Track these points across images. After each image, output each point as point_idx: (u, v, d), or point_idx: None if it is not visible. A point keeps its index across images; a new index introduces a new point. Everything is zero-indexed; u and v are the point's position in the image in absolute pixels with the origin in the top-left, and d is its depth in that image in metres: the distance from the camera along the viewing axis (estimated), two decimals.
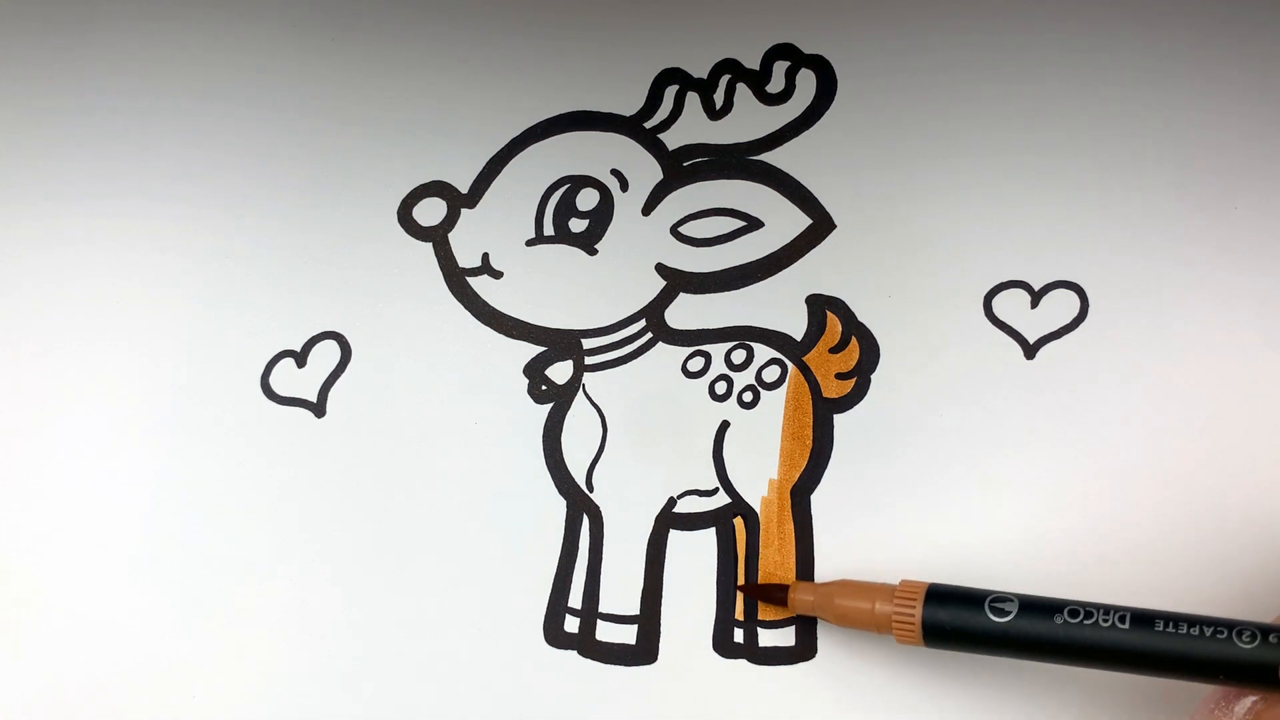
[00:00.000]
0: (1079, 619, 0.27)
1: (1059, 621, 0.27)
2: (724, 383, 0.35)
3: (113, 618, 0.36)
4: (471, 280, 0.37)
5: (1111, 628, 0.27)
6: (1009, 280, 0.34)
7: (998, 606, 0.28)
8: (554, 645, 0.33)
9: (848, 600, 0.31)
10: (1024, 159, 0.35)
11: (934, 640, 0.29)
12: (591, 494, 0.34)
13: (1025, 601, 0.28)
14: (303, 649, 0.34)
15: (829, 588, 0.31)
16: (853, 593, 0.31)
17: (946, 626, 0.29)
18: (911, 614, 0.29)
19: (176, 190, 0.40)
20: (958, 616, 0.29)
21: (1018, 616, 0.28)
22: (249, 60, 0.41)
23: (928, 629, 0.29)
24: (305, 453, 0.36)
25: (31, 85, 0.43)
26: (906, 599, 0.29)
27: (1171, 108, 0.34)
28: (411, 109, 0.40)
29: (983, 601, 0.28)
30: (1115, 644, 0.27)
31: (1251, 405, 0.31)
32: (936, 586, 0.29)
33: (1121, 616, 0.27)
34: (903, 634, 0.29)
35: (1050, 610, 0.28)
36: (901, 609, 0.29)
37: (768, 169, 0.36)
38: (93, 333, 0.39)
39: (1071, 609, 0.27)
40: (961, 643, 0.29)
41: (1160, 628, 0.26)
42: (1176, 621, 0.26)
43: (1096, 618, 0.27)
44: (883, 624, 0.30)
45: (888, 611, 0.30)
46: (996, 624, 0.28)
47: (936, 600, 0.29)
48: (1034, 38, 0.36)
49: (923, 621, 0.29)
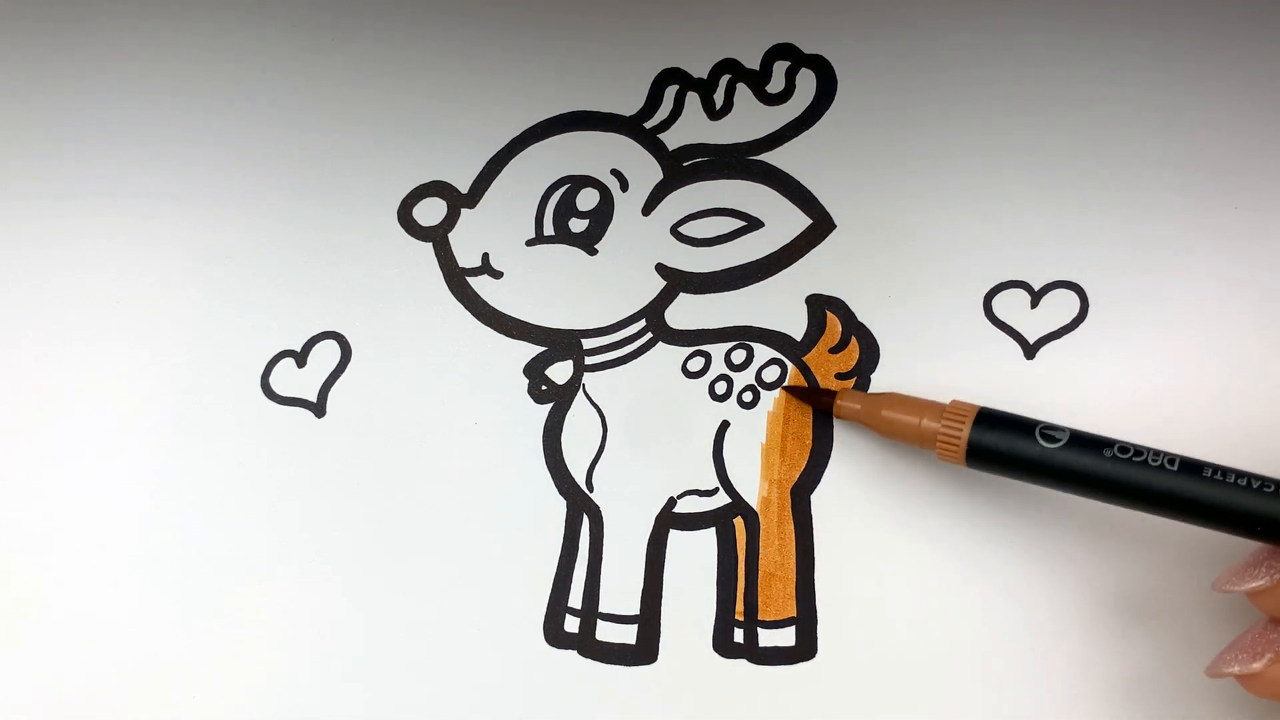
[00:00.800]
0: (1128, 455, 0.27)
1: (1107, 455, 0.27)
2: (724, 383, 0.35)
3: (113, 618, 0.36)
4: (471, 280, 0.37)
5: (1160, 468, 0.27)
6: (1009, 280, 0.34)
7: (1048, 434, 0.28)
8: (554, 645, 0.33)
9: (895, 412, 0.30)
10: (1024, 159, 0.35)
11: (977, 461, 0.29)
12: (591, 494, 0.34)
13: (1076, 434, 0.28)
14: (303, 649, 0.34)
15: (878, 398, 0.31)
16: (901, 406, 0.30)
17: (993, 448, 0.29)
18: (959, 432, 0.29)
19: (176, 190, 0.40)
20: (1006, 439, 0.28)
21: (1066, 446, 0.28)
22: (249, 60, 0.41)
23: (973, 448, 0.29)
24: (305, 453, 0.36)
25: (31, 85, 0.43)
26: (956, 417, 0.29)
27: (1171, 108, 0.34)
28: (411, 109, 0.40)
29: (1033, 429, 0.28)
30: (1161, 486, 0.27)
31: (1252, 405, 0.31)
32: (988, 410, 0.29)
33: (1171, 460, 0.27)
34: (946, 451, 0.29)
35: (1100, 445, 0.28)
36: (950, 426, 0.29)
37: (768, 169, 0.36)
38: (92, 333, 0.39)
39: (1121, 446, 0.27)
40: (1005, 466, 0.29)
41: (1208, 475, 0.26)
42: (1225, 472, 0.26)
43: (1146, 457, 0.27)
44: (928, 439, 0.30)
45: (934, 428, 0.29)
46: (1044, 449, 0.28)
47: (986, 423, 0.29)
48: (1034, 37, 0.36)
49: (969, 441, 0.29)
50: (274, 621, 0.35)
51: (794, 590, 0.33)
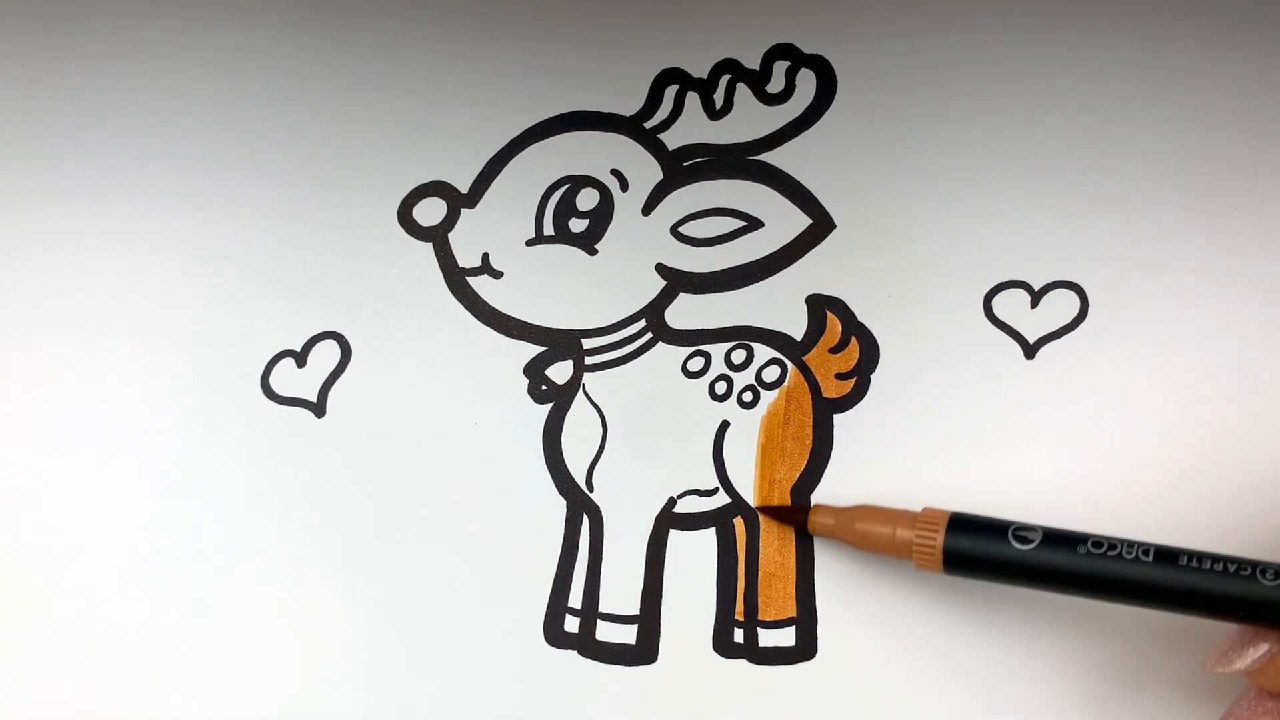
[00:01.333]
0: (1102, 550, 0.27)
1: (1082, 552, 0.27)
2: (724, 383, 0.35)
3: (113, 617, 0.36)
4: (471, 280, 0.37)
5: (1135, 560, 0.27)
6: (1009, 280, 0.34)
7: (1021, 535, 0.28)
8: (554, 645, 0.33)
9: (869, 525, 0.30)
10: (1024, 159, 0.35)
11: (954, 567, 0.29)
12: (591, 494, 0.34)
13: (1049, 533, 0.28)
14: (303, 649, 0.34)
15: (851, 512, 0.31)
16: (875, 517, 0.30)
17: (968, 554, 0.29)
18: (933, 540, 0.29)
19: (176, 190, 0.40)
20: (980, 544, 0.28)
21: (1040, 546, 0.28)
22: (249, 61, 0.41)
23: (949, 556, 0.29)
24: (305, 453, 0.36)
25: (31, 85, 0.43)
26: (929, 525, 0.29)
27: (1171, 108, 0.34)
28: (411, 109, 0.40)
29: (1006, 530, 0.28)
30: (1138, 578, 0.27)
31: (1252, 405, 0.31)
32: (959, 515, 0.29)
33: (1145, 550, 0.27)
34: (923, 560, 0.29)
35: (1074, 541, 0.27)
36: (924, 534, 0.29)
37: (768, 169, 0.36)
38: (92, 333, 0.39)
39: (1095, 541, 0.27)
40: (982, 571, 0.29)
41: (1184, 562, 0.26)
42: (1200, 558, 0.26)
43: (1120, 550, 0.27)
44: (903, 549, 0.30)
45: (909, 537, 0.29)
46: (1019, 551, 0.28)
47: (959, 528, 0.29)
48: (1034, 38, 0.36)
49: (944, 548, 0.29)
50: (274, 621, 0.35)
51: (794, 590, 0.33)
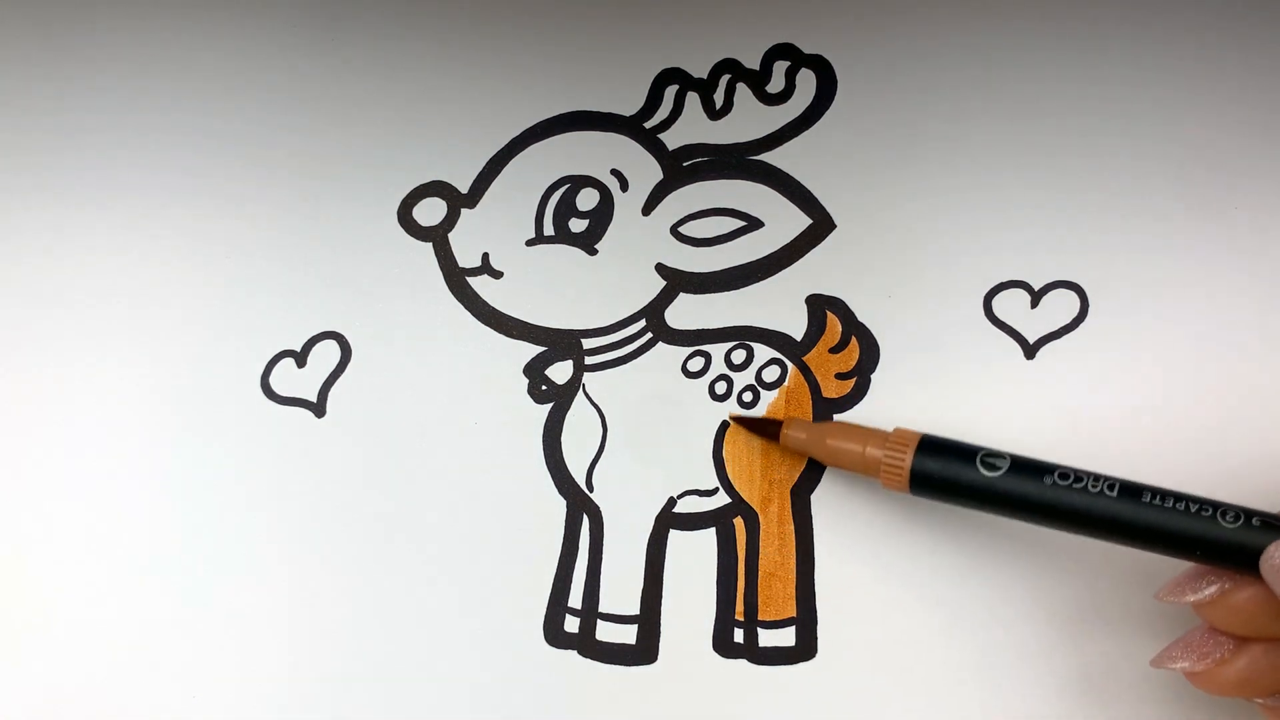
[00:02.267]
0: (1069, 481, 0.27)
1: (1048, 482, 0.27)
2: (724, 383, 0.35)
3: (113, 617, 0.36)
4: (471, 280, 0.37)
5: (1100, 494, 0.27)
6: (1009, 280, 0.34)
7: (989, 461, 0.28)
8: (554, 645, 0.33)
9: (839, 441, 0.31)
10: (1024, 159, 0.35)
11: (921, 489, 0.29)
12: (591, 494, 0.34)
13: (1017, 460, 0.28)
14: (303, 649, 0.34)
15: (823, 427, 0.31)
16: (846, 434, 0.31)
17: (935, 476, 0.29)
18: (901, 460, 0.29)
19: (176, 190, 0.40)
20: (948, 467, 0.29)
21: (1008, 473, 0.28)
22: (249, 60, 0.41)
23: (916, 477, 0.29)
24: (305, 453, 0.36)
25: (31, 85, 0.43)
26: (898, 445, 0.29)
27: (1171, 108, 0.34)
28: (411, 109, 0.40)
29: (975, 455, 0.28)
30: (1101, 511, 0.27)
31: (1252, 405, 0.31)
32: (930, 437, 0.29)
33: (1111, 485, 0.27)
34: (890, 479, 0.29)
35: (1041, 471, 0.28)
36: (892, 454, 0.29)
37: (768, 169, 0.36)
38: (92, 333, 0.39)
39: (1062, 472, 0.28)
40: (948, 494, 0.29)
41: (1147, 499, 0.27)
42: (1164, 495, 0.26)
43: (1086, 483, 0.27)
44: (871, 467, 0.30)
45: (878, 456, 0.30)
46: (986, 478, 0.28)
47: (929, 450, 0.29)
48: (1034, 38, 0.36)
49: (911, 469, 0.29)
50: (274, 621, 0.35)
51: (794, 590, 0.33)
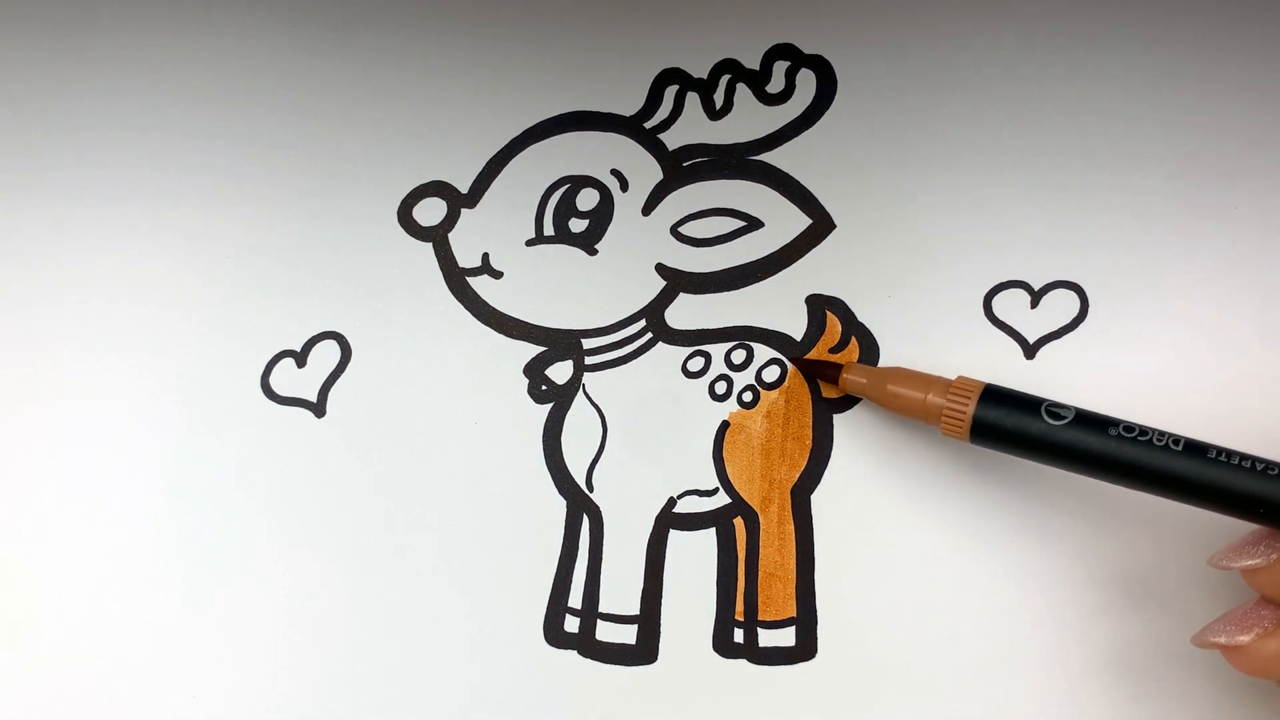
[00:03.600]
0: (1133, 435, 0.27)
1: (1112, 434, 0.27)
2: (724, 383, 0.35)
3: (113, 617, 0.36)
4: (471, 280, 0.37)
5: (1165, 448, 0.27)
6: (1009, 280, 0.34)
7: (1054, 411, 0.28)
8: (554, 645, 0.33)
9: (901, 387, 0.30)
10: (1024, 159, 0.35)
11: (981, 437, 0.29)
12: (591, 494, 0.34)
13: (1082, 414, 0.28)
14: (303, 649, 0.34)
15: (884, 372, 0.31)
16: (907, 380, 0.30)
17: (998, 425, 0.28)
18: (964, 408, 0.29)
19: (176, 190, 0.40)
20: (1010, 416, 0.28)
21: (1071, 424, 0.28)
22: (249, 60, 0.41)
23: (977, 425, 0.29)
24: (305, 453, 0.36)
25: (31, 85, 0.43)
26: (961, 393, 0.29)
27: (1171, 108, 0.34)
28: (411, 109, 0.40)
29: (1039, 406, 0.28)
30: (1165, 466, 0.27)
31: (1251, 405, 0.31)
32: (994, 386, 0.29)
33: (1175, 440, 0.27)
34: (951, 426, 0.29)
35: (1105, 424, 0.27)
36: (955, 401, 0.29)
37: (768, 169, 0.36)
38: (93, 333, 0.39)
39: (1127, 425, 0.27)
40: (1009, 444, 0.29)
41: (1213, 456, 0.26)
42: (1230, 454, 0.26)
43: (1151, 437, 0.27)
44: (933, 414, 0.30)
45: (939, 403, 0.29)
46: (1050, 426, 0.28)
47: (992, 399, 0.29)
48: (1034, 38, 0.36)
49: (974, 418, 0.29)
50: (274, 621, 0.35)
51: (794, 590, 0.33)
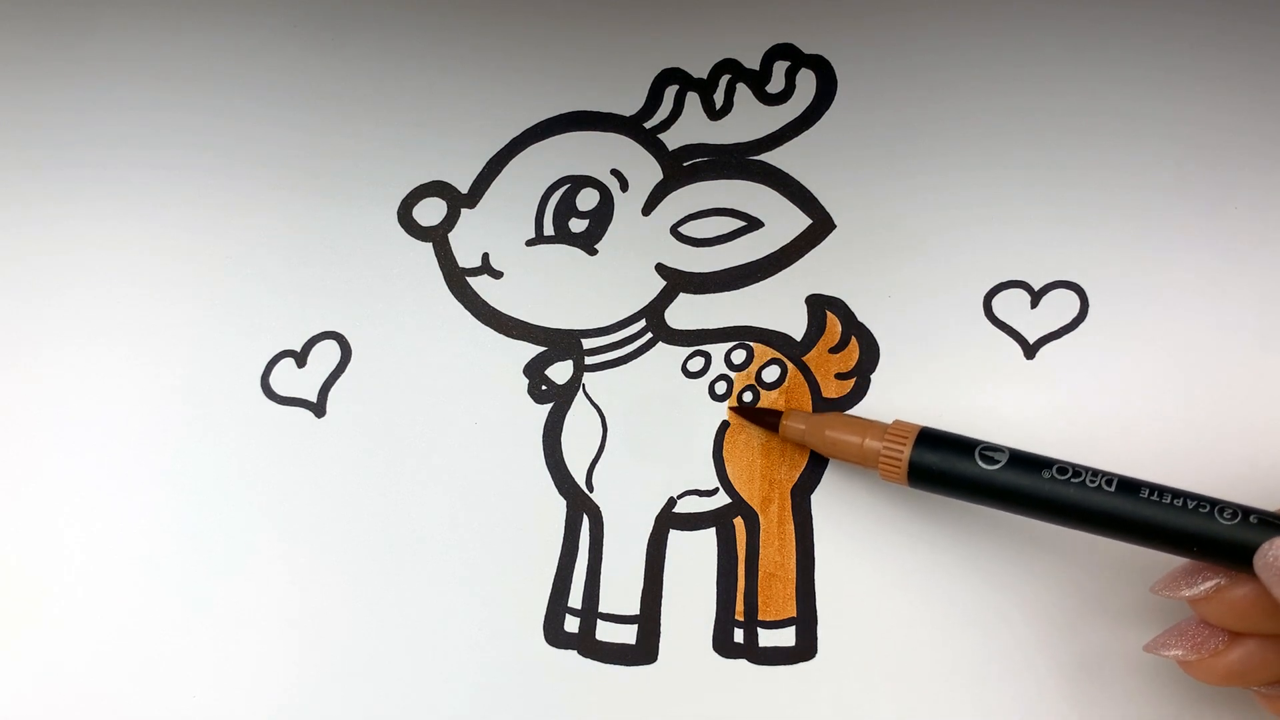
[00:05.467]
0: (1066, 476, 0.27)
1: (1045, 476, 0.27)
2: (724, 383, 0.35)
3: (113, 616, 0.36)
4: (471, 280, 0.37)
5: (1098, 489, 0.27)
6: (1009, 280, 0.34)
7: (988, 455, 0.28)
8: (554, 645, 0.33)
9: (838, 432, 0.31)
10: (1024, 159, 0.35)
11: (919, 481, 0.29)
12: (591, 494, 0.34)
13: (1015, 455, 0.28)
14: (303, 649, 0.34)
15: (821, 418, 0.31)
16: (845, 426, 0.31)
17: (934, 468, 0.29)
18: (900, 452, 0.29)
19: (176, 190, 0.40)
20: (946, 460, 0.29)
21: (1006, 467, 0.28)
22: (249, 60, 0.41)
23: (914, 469, 0.29)
24: (305, 453, 0.36)
25: (32, 85, 0.43)
26: (897, 438, 0.29)
27: (1171, 108, 0.34)
28: (411, 109, 0.40)
29: (973, 449, 0.28)
30: (1098, 506, 0.27)
31: (1251, 405, 0.31)
32: (929, 429, 0.29)
33: (1109, 480, 0.27)
34: (889, 471, 0.29)
35: (1039, 465, 0.28)
36: (891, 446, 0.29)
37: (768, 169, 0.36)
38: (93, 333, 0.39)
39: (1060, 467, 0.27)
40: (946, 486, 0.29)
41: (1145, 495, 0.26)
42: (1162, 492, 0.26)
43: (1084, 478, 0.27)
44: (870, 459, 0.30)
45: (876, 448, 0.30)
46: (984, 471, 0.28)
47: (927, 443, 0.29)
48: (1034, 38, 0.36)
49: (910, 461, 0.29)
50: (274, 621, 0.35)
51: (794, 590, 0.33)
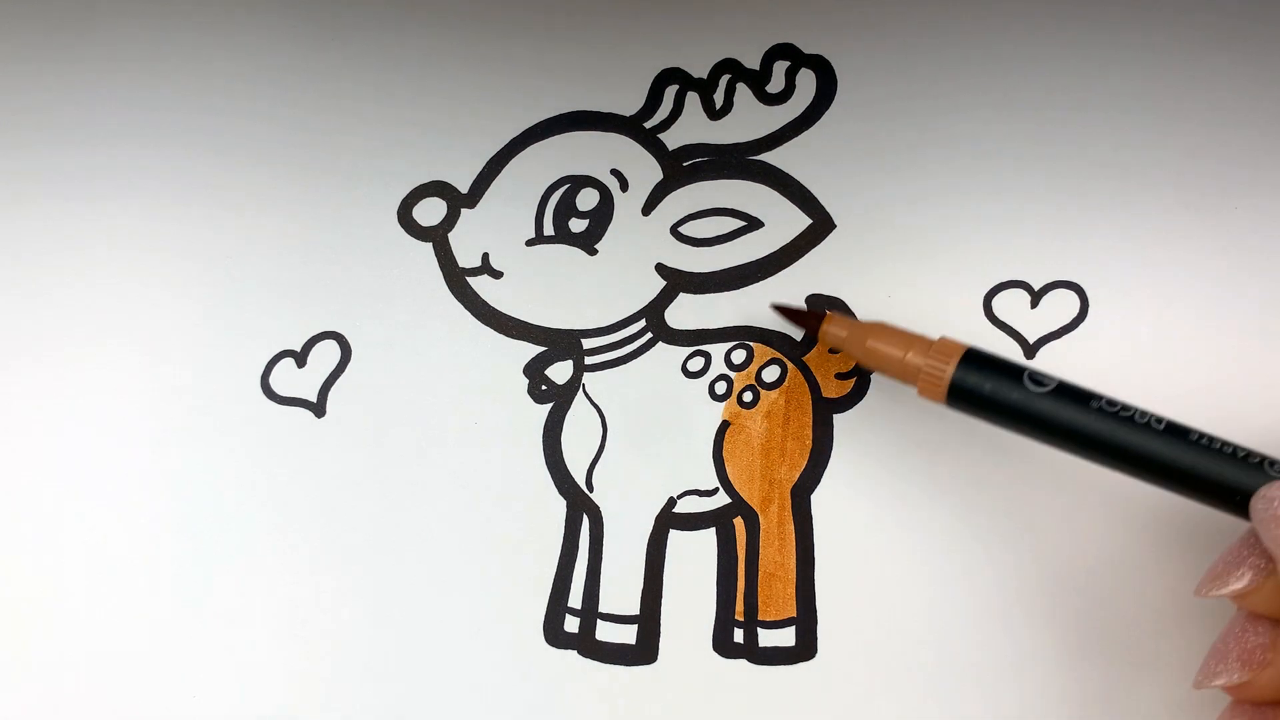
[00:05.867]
0: (1115, 410, 0.26)
1: (1094, 407, 0.26)
2: (724, 383, 0.35)
3: (113, 617, 0.36)
4: (471, 280, 0.37)
5: (1146, 427, 0.26)
6: (1009, 280, 0.34)
7: (1036, 378, 0.27)
8: (554, 645, 0.33)
9: (880, 343, 0.29)
10: (1024, 159, 0.35)
11: (958, 400, 0.28)
12: (591, 494, 0.34)
13: (1064, 384, 0.27)
14: (302, 649, 0.34)
15: (865, 327, 0.30)
16: (888, 337, 0.29)
17: (976, 388, 0.27)
18: (943, 370, 0.28)
19: (177, 190, 0.40)
20: (990, 380, 0.27)
21: (1051, 393, 0.27)
22: (249, 60, 0.41)
23: (955, 387, 0.28)
24: (305, 453, 0.36)
25: (32, 85, 0.43)
26: (942, 354, 0.28)
27: (1171, 107, 0.34)
28: (411, 109, 0.40)
29: (1021, 372, 0.27)
30: (1143, 446, 0.26)
31: (1251, 405, 0.31)
32: (976, 350, 0.28)
33: (1158, 420, 0.26)
34: (928, 387, 0.28)
35: (1087, 397, 0.26)
36: (934, 363, 0.28)
37: (768, 169, 0.36)
38: (93, 333, 0.39)
39: (1110, 400, 0.26)
40: (986, 409, 0.28)
41: (1194, 439, 0.25)
42: (1211, 440, 0.25)
43: (1133, 414, 0.26)
44: (910, 374, 0.29)
45: (918, 363, 0.28)
46: (1029, 393, 0.27)
47: (973, 362, 0.28)
48: (1034, 37, 0.36)
49: (953, 380, 0.28)
50: (274, 620, 0.35)
51: (794, 590, 0.33)
